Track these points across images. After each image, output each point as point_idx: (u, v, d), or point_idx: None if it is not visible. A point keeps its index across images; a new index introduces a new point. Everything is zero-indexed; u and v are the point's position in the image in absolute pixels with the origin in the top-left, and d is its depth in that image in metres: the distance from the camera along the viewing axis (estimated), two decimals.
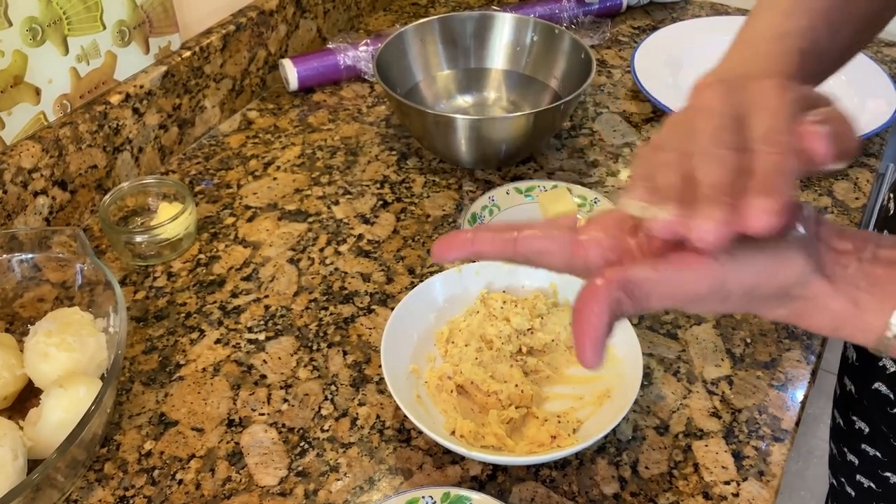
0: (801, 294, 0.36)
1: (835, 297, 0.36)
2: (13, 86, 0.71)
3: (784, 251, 0.36)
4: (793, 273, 0.36)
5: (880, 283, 0.36)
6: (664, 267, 0.35)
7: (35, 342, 0.61)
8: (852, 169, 0.86)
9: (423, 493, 0.55)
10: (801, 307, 0.37)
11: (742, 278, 0.35)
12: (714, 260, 0.35)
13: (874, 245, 0.37)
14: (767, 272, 0.36)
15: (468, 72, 0.96)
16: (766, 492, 0.57)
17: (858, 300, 0.36)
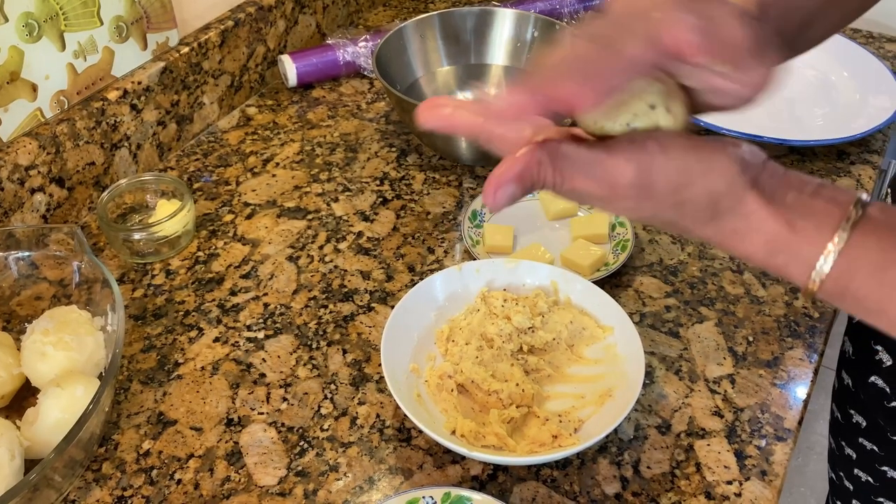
0: (734, 208, 0.36)
1: (770, 218, 0.36)
2: (10, 82, 0.71)
3: (718, 157, 0.36)
4: (723, 179, 0.36)
5: (819, 214, 0.36)
6: (597, 148, 0.36)
7: (32, 341, 0.60)
8: (854, 166, 0.86)
9: (423, 493, 0.54)
10: (734, 225, 0.37)
11: (668, 171, 0.35)
12: (644, 147, 0.35)
13: (817, 184, 0.37)
14: (696, 171, 0.35)
15: (468, 68, 0.95)
16: (768, 491, 0.56)
17: (795, 225, 0.36)
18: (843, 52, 0.99)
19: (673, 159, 0.35)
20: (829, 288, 0.36)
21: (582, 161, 0.36)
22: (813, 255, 0.35)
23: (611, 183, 0.36)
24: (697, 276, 0.73)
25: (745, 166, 0.36)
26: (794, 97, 0.95)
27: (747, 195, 0.36)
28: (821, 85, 0.97)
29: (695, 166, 0.36)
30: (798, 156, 0.87)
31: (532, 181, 0.36)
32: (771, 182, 0.37)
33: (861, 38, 1.07)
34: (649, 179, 0.36)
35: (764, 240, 0.36)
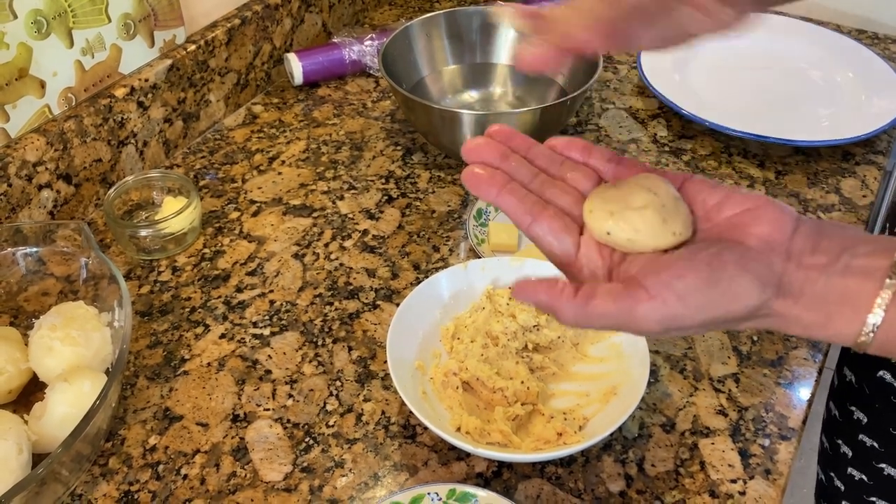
0: (767, 314, 0.38)
1: (803, 313, 0.38)
2: (18, 79, 0.71)
3: (736, 284, 0.37)
4: (745, 305, 0.37)
5: (851, 296, 0.37)
6: (622, 303, 0.38)
7: (39, 336, 0.60)
8: (860, 167, 0.86)
9: (428, 489, 0.54)
10: (771, 323, 0.39)
11: (693, 316, 0.37)
12: (664, 301, 0.37)
13: (849, 255, 0.38)
14: (718, 309, 0.37)
15: (474, 67, 0.95)
16: (772, 490, 0.56)
17: (829, 313, 0.37)
18: (849, 53, 0.99)
19: (694, 306, 0.37)
20: (877, 351, 0.37)
21: (610, 317, 0.38)
22: (852, 334, 0.37)
23: (635, 330, 0.38)
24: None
25: (766, 280, 0.37)
26: (799, 97, 0.95)
27: (776, 303, 0.38)
28: (826, 85, 0.97)
29: (716, 302, 0.37)
30: (803, 156, 0.87)
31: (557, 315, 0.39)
32: (798, 275, 0.38)
33: (867, 39, 1.07)
34: (675, 326, 0.38)
35: (803, 329, 0.38)
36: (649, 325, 0.38)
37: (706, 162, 0.87)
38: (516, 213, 0.42)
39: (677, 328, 0.38)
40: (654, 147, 0.89)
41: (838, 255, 0.38)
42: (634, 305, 0.37)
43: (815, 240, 0.38)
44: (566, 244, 0.42)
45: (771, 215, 0.39)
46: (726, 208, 0.41)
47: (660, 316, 0.37)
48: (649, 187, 0.41)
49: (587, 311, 0.38)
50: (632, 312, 0.37)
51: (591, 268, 0.41)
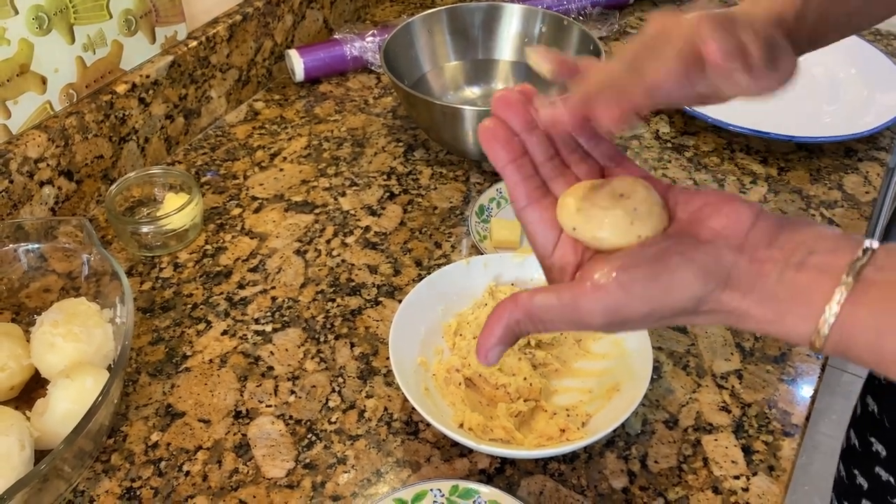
0: (713, 308, 0.37)
1: (753, 307, 0.37)
2: (19, 75, 0.71)
3: (679, 275, 0.37)
4: (687, 296, 0.37)
5: (804, 291, 0.35)
6: (565, 295, 0.38)
7: (41, 332, 0.60)
8: (862, 163, 0.86)
9: (431, 485, 0.54)
10: (722, 318, 0.38)
11: (635, 307, 0.37)
12: (606, 291, 0.37)
13: (806, 251, 0.36)
14: (658, 300, 0.37)
15: (476, 63, 0.95)
16: (775, 486, 0.56)
17: (780, 309, 0.36)
18: (851, 49, 0.99)
19: (635, 296, 0.37)
20: (831, 351, 0.36)
21: (555, 311, 0.38)
22: (806, 332, 0.36)
23: (585, 326, 0.38)
24: None
25: (711, 272, 0.37)
26: (801, 94, 0.94)
27: (722, 296, 0.37)
28: (829, 82, 0.96)
29: (658, 293, 0.37)
30: (806, 152, 0.87)
31: (516, 336, 0.39)
32: (750, 269, 0.37)
33: (869, 35, 1.07)
34: (619, 318, 0.37)
35: (756, 323, 0.37)
36: (593, 318, 0.37)
37: (708, 158, 0.87)
38: (515, 190, 0.42)
39: (621, 321, 0.38)
40: (657, 143, 0.89)
41: (795, 249, 0.36)
42: (578, 297, 0.37)
43: (772, 234, 0.37)
44: (548, 238, 0.42)
45: (728, 208, 0.38)
46: (690, 204, 0.40)
47: (602, 306, 0.37)
48: (624, 189, 0.41)
49: (531, 306, 0.38)
50: (575, 305, 0.37)
51: (562, 263, 0.41)
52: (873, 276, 0.34)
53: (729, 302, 0.37)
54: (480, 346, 0.39)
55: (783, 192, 0.82)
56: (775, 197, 0.81)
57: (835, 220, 0.78)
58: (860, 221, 0.78)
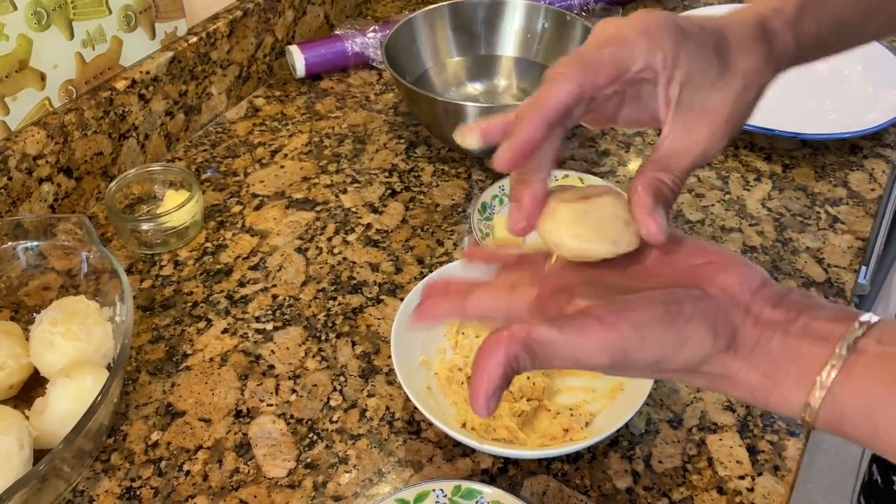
0: (712, 370, 0.36)
1: (751, 372, 0.35)
2: (18, 71, 0.70)
3: (692, 329, 0.35)
4: (697, 353, 0.35)
5: (801, 359, 0.34)
6: (569, 332, 0.35)
7: (41, 331, 0.60)
8: (867, 160, 0.85)
9: (433, 485, 0.54)
10: (717, 381, 0.37)
11: (645, 353, 0.35)
12: (618, 332, 0.34)
13: (808, 316, 0.35)
14: (670, 349, 0.35)
15: (478, 59, 0.94)
16: (781, 487, 0.56)
17: (776, 375, 0.35)
18: None
19: (648, 341, 0.34)
20: (824, 426, 0.35)
21: (557, 346, 0.35)
22: (798, 402, 0.34)
23: (587, 365, 0.36)
24: None
25: (721, 331, 0.35)
26: (806, 90, 0.94)
27: (725, 358, 0.35)
28: (833, 78, 0.96)
29: (669, 343, 0.35)
30: (810, 149, 0.87)
31: (513, 376, 0.35)
32: (753, 332, 0.35)
33: None
34: (625, 363, 0.35)
35: (749, 390, 0.36)
36: (597, 357, 0.35)
37: None
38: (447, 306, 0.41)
39: (626, 365, 0.35)
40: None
41: (798, 314, 0.35)
42: (583, 334, 0.34)
43: (777, 298, 0.36)
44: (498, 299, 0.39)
45: (738, 269, 0.37)
46: (692, 258, 0.38)
47: (611, 347, 0.34)
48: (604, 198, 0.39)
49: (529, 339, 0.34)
50: (582, 342, 0.34)
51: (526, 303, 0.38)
52: (871, 348, 0.33)
53: (730, 364, 0.35)
54: (478, 394, 0.35)
55: (788, 189, 0.82)
56: (780, 194, 0.81)
57: (840, 217, 0.78)
58: (866, 219, 0.78)
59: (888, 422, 0.32)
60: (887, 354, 0.33)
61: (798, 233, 0.76)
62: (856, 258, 0.74)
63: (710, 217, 0.78)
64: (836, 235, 0.76)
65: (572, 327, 0.35)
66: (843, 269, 0.72)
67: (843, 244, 0.75)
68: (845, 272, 0.72)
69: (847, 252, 0.74)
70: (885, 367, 0.33)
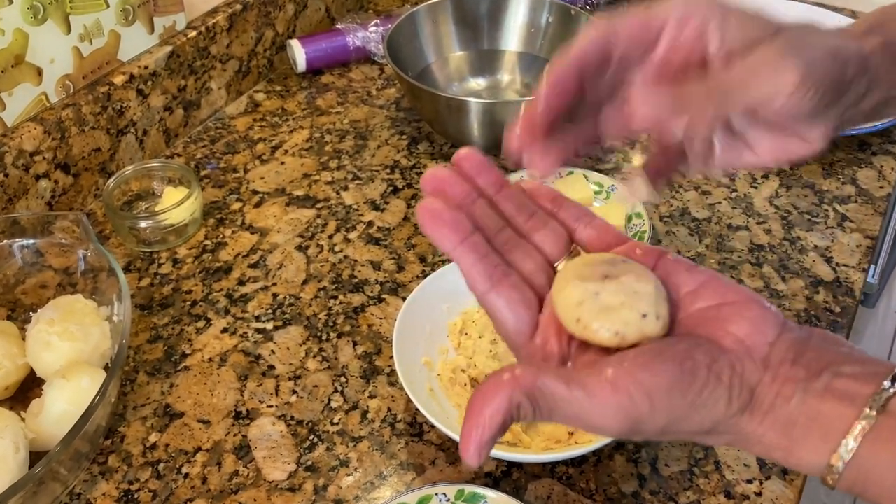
0: (727, 431, 0.34)
1: (768, 432, 0.33)
2: (14, 66, 0.69)
3: (707, 392, 0.32)
4: (711, 419, 0.33)
5: (823, 420, 0.32)
6: (576, 388, 0.32)
7: (37, 331, 0.59)
8: (876, 157, 0.84)
9: (436, 489, 0.53)
10: (732, 440, 0.34)
11: (656, 421, 0.32)
12: (629, 397, 0.31)
13: (831, 373, 0.33)
14: (682, 415, 0.32)
15: (481, 53, 0.93)
16: (789, 491, 0.55)
17: (796, 435, 0.33)
18: None
19: (659, 409, 0.32)
20: (846, 489, 0.33)
21: (561, 401, 0.32)
22: (818, 464, 0.32)
23: (594, 429, 0.33)
24: (716, 269, 0.71)
25: (737, 392, 0.33)
26: None
27: (740, 420, 0.33)
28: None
29: (683, 410, 0.32)
30: None
31: (511, 423, 0.32)
32: (771, 389, 0.33)
33: None
34: (637, 429, 0.33)
35: (766, 449, 0.34)
36: (606, 422, 0.32)
37: None
38: (473, 274, 0.36)
39: (637, 431, 0.33)
40: None
41: (820, 371, 0.33)
42: (592, 395, 0.32)
43: (798, 349, 0.33)
44: (523, 321, 0.36)
45: (752, 314, 0.34)
46: (702, 298, 0.35)
47: (622, 413, 0.32)
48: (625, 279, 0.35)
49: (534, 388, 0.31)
50: (589, 404, 0.32)
51: (546, 353, 0.35)
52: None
53: (746, 426, 0.33)
54: (470, 440, 0.31)
55: (795, 186, 0.80)
56: (787, 192, 0.80)
57: (848, 215, 0.77)
58: (875, 217, 0.77)
59: None
60: None
61: (806, 231, 0.75)
62: (864, 257, 0.72)
63: (717, 215, 0.77)
64: (844, 234, 0.75)
65: (580, 385, 0.32)
66: (851, 268, 0.71)
67: (851, 243, 0.74)
68: (854, 271, 0.71)
69: (856, 251, 0.73)
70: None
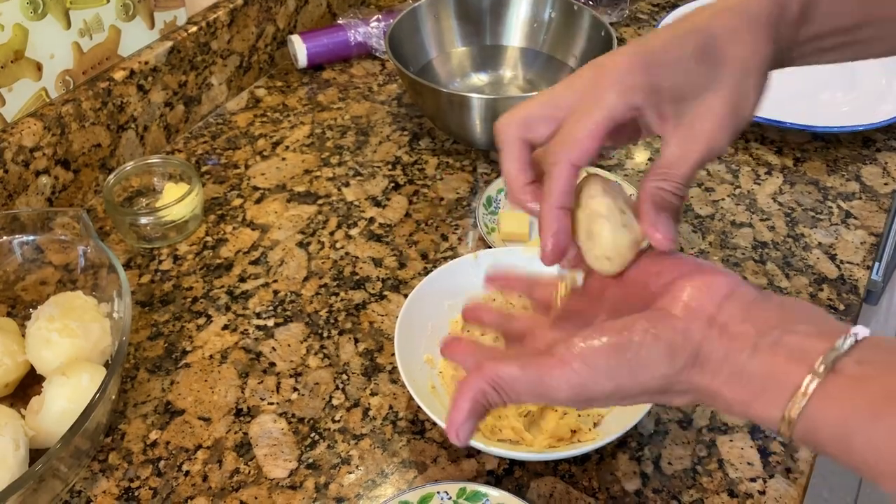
0: (687, 389, 0.36)
1: (723, 387, 0.35)
2: (14, 61, 0.69)
3: (645, 352, 0.35)
4: (655, 375, 0.35)
5: (777, 376, 0.34)
6: (530, 369, 0.37)
7: (37, 328, 0.59)
8: (881, 153, 0.83)
9: (438, 487, 0.53)
10: (694, 398, 0.37)
11: (600, 385, 0.36)
12: (571, 367, 0.36)
13: (782, 330, 0.34)
14: (625, 376, 0.35)
15: (484, 49, 0.93)
16: (793, 490, 0.55)
17: (751, 391, 0.34)
18: None
19: (600, 373, 0.35)
20: (800, 441, 0.35)
21: (521, 383, 0.37)
22: (774, 419, 0.34)
23: (554, 402, 0.37)
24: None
25: (678, 349, 0.35)
26: (818, 82, 0.92)
27: (691, 373, 0.35)
28: (846, 70, 0.93)
29: (623, 371, 0.35)
30: (822, 142, 0.85)
31: (485, 408, 0.37)
32: (718, 346, 0.35)
33: None
34: (586, 395, 0.36)
35: (725, 404, 0.36)
36: (560, 394, 0.36)
37: None
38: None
39: (587, 398, 0.36)
40: None
41: (772, 327, 0.34)
42: (544, 372, 0.36)
43: (749, 308, 0.35)
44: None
45: (699, 281, 0.37)
46: (663, 276, 0.38)
47: (567, 382, 0.36)
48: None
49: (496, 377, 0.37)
50: (541, 380, 0.36)
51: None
52: (850, 368, 0.32)
53: (700, 380, 0.35)
54: (451, 423, 0.37)
55: (799, 183, 0.80)
56: (791, 189, 0.79)
57: (853, 212, 0.76)
58: (879, 214, 0.76)
59: (862, 444, 0.32)
60: (864, 376, 0.32)
61: (810, 228, 0.75)
62: (869, 254, 0.72)
63: (721, 212, 0.77)
64: (848, 231, 0.74)
65: (533, 365, 0.37)
66: (855, 265, 0.71)
67: (855, 240, 0.73)
68: (858, 269, 0.71)
69: (860, 248, 0.73)
70: (861, 390, 0.32)
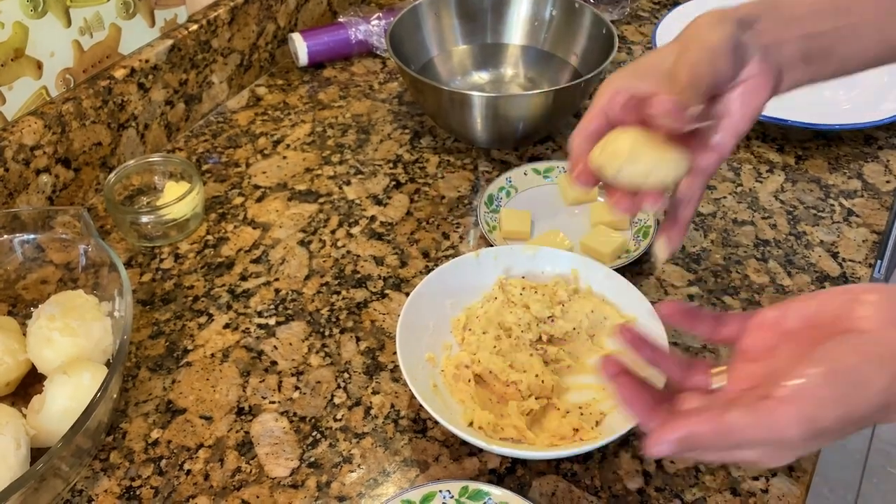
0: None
1: None
2: (14, 59, 0.69)
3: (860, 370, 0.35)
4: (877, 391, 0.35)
5: None
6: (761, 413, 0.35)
7: (38, 327, 0.59)
8: (883, 151, 0.83)
9: (440, 486, 0.53)
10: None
11: (829, 414, 0.35)
12: (797, 404, 0.35)
13: None
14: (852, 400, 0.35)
15: (485, 47, 0.92)
16: (796, 488, 0.54)
17: None
18: None
19: (828, 402, 0.35)
20: None
21: (751, 426, 0.36)
22: None
23: (781, 441, 0.36)
24: (721, 265, 0.71)
25: (884, 359, 0.35)
26: None
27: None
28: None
29: (848, 394, 0.35)
30: (824, 140, 0.85)
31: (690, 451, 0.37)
32: None
33: None
34: (817, 429, 0.35)
35: None
36: (791, 432, 0.35)
37: None
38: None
39: (819, 431, 0.35)
40: None
41: None
42: (773, 411, 0.35)
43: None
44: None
45: (872, 297, 0.37)
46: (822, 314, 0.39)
47: (796, 419, 0.35)
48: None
49: (721, 426, 0.36)
50: (772, 420, 0.35)
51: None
52: None
53: None
54: (657, 439, 0.37)
55: (801, 181, 0.80)
56: (793, 186, 0.79)
57: (854, 210, 0.76)
58: (881, 212, 0.76)
59: None
60: None
61: (812, 226, 0.75)
62: (871, 252, 0.72)
63: (722, 210, 0.77)
64: (850, 229, 0.74)
65: (761, 407, 0.35)
66: (857, 263, 0.71)
67: (857, 238, 0.73)
68: (860, 266, 0.70)
69: (862, 246, 0.72)
70: None
